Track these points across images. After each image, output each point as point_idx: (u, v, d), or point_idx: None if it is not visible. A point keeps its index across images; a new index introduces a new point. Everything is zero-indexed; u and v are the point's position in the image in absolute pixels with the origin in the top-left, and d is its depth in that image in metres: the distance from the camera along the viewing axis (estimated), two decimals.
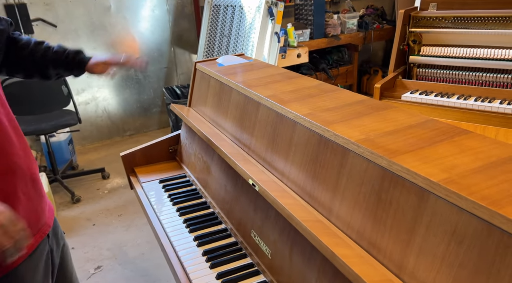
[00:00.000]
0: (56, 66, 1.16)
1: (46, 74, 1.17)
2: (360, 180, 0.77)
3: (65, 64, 1.16)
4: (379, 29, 4.31)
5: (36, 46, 1.14)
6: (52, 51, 1.15)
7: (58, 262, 1.06)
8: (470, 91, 1.96)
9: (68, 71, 1.18)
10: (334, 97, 1.07)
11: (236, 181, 1.18)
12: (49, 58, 1.15)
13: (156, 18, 3.61)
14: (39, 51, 1.13)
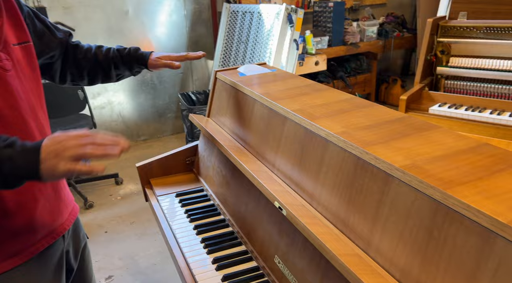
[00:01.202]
0: (117, 66, 1.18)
1: (109, 75, 1.20)
2: (406, 211, 0.68)
3: (126, 62, 1.18)
4: (399, 37, 4.21)
5: (98, 49, 1.18)
6: (113, 51, 1.18)
7: (77, 266, 1.08)
8: (504, 106, 1.85)
9: (129, 69, 1.20)
10: (369, 113, 0.98)
11: (258, 200, 1.10)
12: (111, 58, 1.17)
13: (173, 23, 3.58)
14: (101, 53, 1.17)
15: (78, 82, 1.21)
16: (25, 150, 0.72)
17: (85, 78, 1.20)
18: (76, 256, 1.07)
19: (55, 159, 0.71)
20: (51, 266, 0.95)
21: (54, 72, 1.14)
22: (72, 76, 1.18)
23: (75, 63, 1.16)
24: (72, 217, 1.04)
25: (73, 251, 1.06)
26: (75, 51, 1.15)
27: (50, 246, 0.94)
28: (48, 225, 0.94)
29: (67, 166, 0.70)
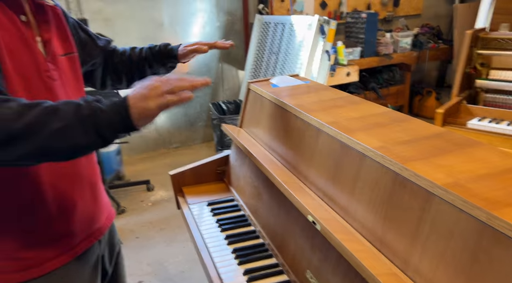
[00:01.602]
0: (151, 65, 1.22)
1: (144, 75, 1.22)
2: (448, 231, 0.66)
3: (158, 59, 1.21)
4: (435, 48, 4.11)
5: (132, 50, 1.22)
6: (145, 51, 1.22)
7: (111, 270, 1.11)
8: None
9: (162, 65, 1.22)
10: (407, 128, 0.96)
11: (290, 212, 1.09)
12: (144, 58, 1.21)
13: (206, 35, 3.66)
14: (134, 54, 1.21)
15: (118, 86, 1.25)
16: (113, 101, 0.73)
17: (124, 81, 1.24)
18: (111, 261, 1.10)
19: (143, 101, 0.73)
20: (88, 270, 0.98)
21: (96, 79, 1.19)
22: (111, 81, 1.22)
23: (113, 67, 1.20)
24: (108, 221, 1.08)
25: (108, 256, 1.09)
26: (112, 56, 1.20)
27: (87, 250, 0.97)
28: (86, 229, 0.97)
29: (158, 102, 0.72)
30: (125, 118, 0.72)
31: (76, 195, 0.93)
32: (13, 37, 0.80)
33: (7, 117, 0.67)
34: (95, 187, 1.00)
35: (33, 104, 0.70)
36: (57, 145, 0.69)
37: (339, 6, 4.03)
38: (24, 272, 0.86)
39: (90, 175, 0.98)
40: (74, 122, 0.69)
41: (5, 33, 0.78)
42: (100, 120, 0.71)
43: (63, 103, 0.72)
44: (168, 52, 1.20)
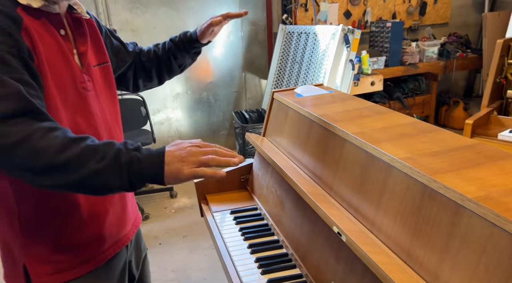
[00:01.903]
0: (176, 56, 1.24)
1: (171, 68, 1.26)
2: (480, 247, 0.64)
3: (182, 47, 1.22)
4: (463, 58, 4.01)
5: (156, 47, 1.25)
6: (168, 43, 1.24)
7: (138, 276, 1.13)
8: None
9: (186, 52, 1.24)
10: (435, 139, 0.94)
11: (314, 223, 1.09)
12: (168, 50, 1.23)
13: (230, 44, 3.72)
14: (158, 49, 1.24)
15: (149, 84, 1.28)
16: (151, 153, 0.76)
17: (154, 79, 1.26)
18: (137, 266, 1.12)
19: (179, 163, 0.75)
20: (116, 275, 1.01)
21: (128, 82, 1.23)
22: (143, 82, 1.26)
23: (142, 67, 1.23)
24: (135, 227, 1.10)
25: (135, 261, 1.12)
26: (140, 57, 1.23)
27: (115, 255, 1.00)
28: (114, 235, 1.00)
29: (192, 170, 0.75)
30: (158, 173, 0.74)
31: (106, 201, 0.96)
32: (54, 51, 0.84)
33: (50, 149, 0.70)
34: (123, 195, 1.03)
35: (78, 139, 0.73)
36: (90, 183, 0.73)
37: (363, 15, 4.01)
38: (57, 275, 0.89)
39: None
40: (111, 166, 0.72)
41: (47, 48, 0.82)
42: (135, 169, 0.74)
43: (105, 144, 0.75)
44: (189, 38, 1.22)
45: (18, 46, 0.75)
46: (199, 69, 3.68)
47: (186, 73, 3.62)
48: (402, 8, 4.17)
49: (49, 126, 0.72)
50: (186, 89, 3.67)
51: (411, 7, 4.18)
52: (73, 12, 0.92)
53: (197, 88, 3.70)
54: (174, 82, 3.59)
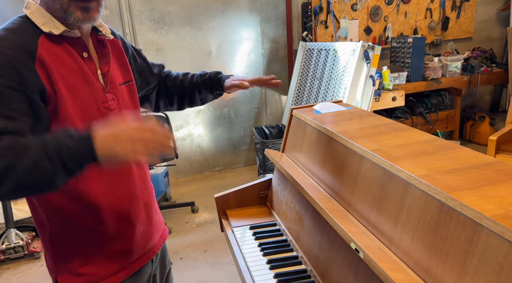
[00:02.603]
0: (200, 91, 1.28)
1: (193, 100, 1.30)
2: (498, 265, 0.63)
3: (208, 86, 1.27)
4: (488, 72, 3.93)
5: (184, 76, 1.30)
6: (196, 77, 1.29)
7: None
8: None
9: (210, 92, 1.29)
10: (454, 156, 0.94)
11: (333, 239, 1.09)
12: (194, 84, 1.28)
13: (251, 62, 3.79)
14: (186, 80, 1.28)
15: (169, 108, 1.32)
16: (79, 135, 0.76)
17: (175, 104, 1.31)
18: (162, 280, 1.15)
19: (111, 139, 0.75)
20: None
21: (150, 102, 1.28)
22: (164, 104, 1.31)
23: (166, 91, 1.28)
24: (161, 241, 1.13)
25: (160, 275, 1.14)
26: (166, 80, 1.28)
27: (141, 268, 1.03)
28: (142, 248, 1.03)
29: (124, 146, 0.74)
30: (90, 152, 0.75)
31: (132, 215, 1.00)
32: (74, 74, 0.90)
33: None
34: (149, 207, 1.07)
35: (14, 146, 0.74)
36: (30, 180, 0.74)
37: (384, 31, 4.02)
38: None
39: (144, 196, 1.05)
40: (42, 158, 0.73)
41: (67, 71, 0.88)
42: (66, 155, 0.74)
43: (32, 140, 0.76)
44: (217, 81, 1.27)
45: (24, 81, 0.80)
46: None
47: None
48: (423, 24, 4.15)
49: None
50: (208, 105, 3.75)
51: (433, 22, 4.16)
52: (98, 34, 0.98)
53: (219, 104, 3.78)
54: None
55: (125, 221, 0.97)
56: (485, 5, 4.30)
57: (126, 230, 0.97)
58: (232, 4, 3.59)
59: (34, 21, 0.87)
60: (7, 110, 0.78)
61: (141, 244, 1.02)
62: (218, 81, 1.27)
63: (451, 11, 4.19)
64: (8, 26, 0.86)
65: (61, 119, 0.86)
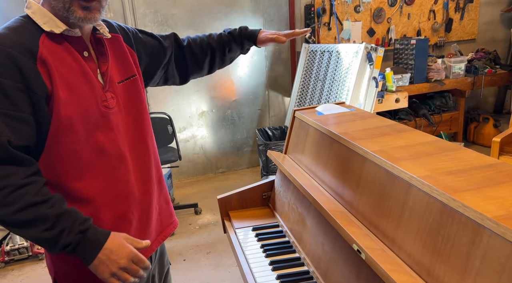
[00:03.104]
0: (231, 48, 1.26)
1: (223, 59, 1.28)
2: (500, 267, 0.63)
3: (239, 42, 1.25)
4: (491, 74, 3.92)
5: (209, 38, 1.26)
6: (225, 35, 1.26)
7: None
8: None
9: (241, 48, 1.27)
10: (456, 157, 0.94)
11: (335, 240, 1.09)
12: (225, 42, 1.25)
13: (254, 64, 3.80)
14: (214, 41, 1.25)
15: (198, 75, 1.29)
16: (90, 243, 0.87)
17: (205, 69, 1.28)
18: (160, 280, 1.15)
19: (106, 266, 0.87)
20: None
21: (174, 77, 1.25)
22: (192, 72, 1.27)
23: (194, 59, 1.24)
24: (159, 239, 1.12)
25: (158, 276, 1.15)
26: (190, 48, 1.24)
27: None
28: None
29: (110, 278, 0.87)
30: (86, 260, 0.87)
31: (130, 214, 1.00)
32: (75, 73, 0.90)
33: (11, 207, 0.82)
34: (148, 205, 1.06)
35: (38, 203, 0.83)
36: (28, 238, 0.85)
37: (387, 33, 4.01)
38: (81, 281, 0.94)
39: (143, 194, 1.04)
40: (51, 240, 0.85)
41: (68, 71, 0.89)
42: (69, 250, 0.86)
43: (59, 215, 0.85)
44: (249, 35, 1.25)
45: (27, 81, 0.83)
46: (223, 88, 3.77)
47: (211, 92, 3.72)
48: (427, 25, 4.14)
49: (21, 182, 0.82)
50: (211, 107, 3.76)
51: (436, 24, 4.15)
52: (96, 33, 0.98)
53: (222, 106, 3.79)
54: (199, 101, 3.70)
55: (122, 220, 0.98)
56: (488, 6, 4.29)
57: (123, 229, 0.97)
58: (235, 6, 3.60)
59: (35, 21, 0.88)
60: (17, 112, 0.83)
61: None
62: (251, 36, 1.24)
63: (454, 12, 4.18)
64: (9, 26, 0.87)
65: (61, 119, 0.87)
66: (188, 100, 3.65)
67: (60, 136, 0.88)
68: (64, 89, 0.87)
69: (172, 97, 3.60)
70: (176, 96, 3.60)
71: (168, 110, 3.47)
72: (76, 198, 0.92)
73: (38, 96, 0.84)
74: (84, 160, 0.92)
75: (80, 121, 0.90)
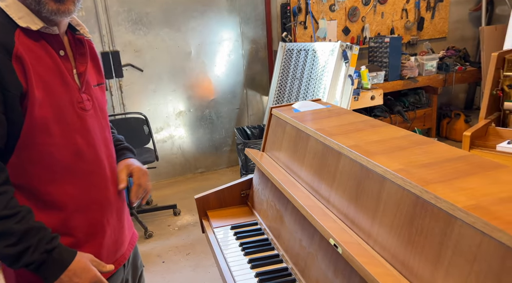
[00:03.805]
0: None
1: None
2: (471, 255, 0.65)
3: None
4: (461, 71, 4.04)
5: None
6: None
7: None
8: None
9: None
10: (428, 150, 0.96)
11: (312, 236, 1.09)
12: None
13: (231, 63, 3.78)
14: None
15: None
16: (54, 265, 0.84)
17: None
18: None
19: None
20: None
21: None
22: None
23: None
24: (131, 246, 1.10)
25: (132, 280, 1.11)
26: None
27: (113, 275, 1.00)
28: (112, 255, 1.00)
29: None
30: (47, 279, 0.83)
31: (104, 221, 0.97)
32: (51, 72, 0.87)
33: None
34: (121, 212, 1.04)
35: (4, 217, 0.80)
36: None
37: (362, 31, 4.08)
38: None
39: (117, 201, 1.02)
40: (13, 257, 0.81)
41: (43, 69, 0.85)
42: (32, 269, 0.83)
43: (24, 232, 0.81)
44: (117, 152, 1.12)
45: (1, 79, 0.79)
46: (201, 87, 3.73)
47: (188, 92, 3.68)
48: (400, 24, 4.24)
49: None
50: (189, 107, 3.72)
51: (409, 23, 4.25)
52: (76, 33, 0.95)
53: (200, 106, 3.75)
54: (176, 100, 3.65)
55: (97, 226, 0.95)
56: (458, 5, 4.43)
57: (98, 236, 0.95)
58: (211, 5, 3.57)
59: (9, 15, 0.84)
60: None
61: (113, 250, 0.99)
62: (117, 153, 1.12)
63: (426, 11, 4.30)
64: None
65: (36, 120, 0.83)
66: (165, 100, 3.60)
67: (34, 138, 0.84)
68: (40, 89, 0.83)
69: (148, 97, 3.53)
70: (153, 96, 3.55)
71: (145, 110, 3.41)
72: (47, 203, 0.88)
73: (12, 94, 0.80)
74: (60, 163, 0.88)
75: (55, 122, 0.86)
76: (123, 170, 1.05)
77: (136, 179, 1.06)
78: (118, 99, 3.42)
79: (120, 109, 3.41)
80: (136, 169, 1.07)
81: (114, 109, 3.38)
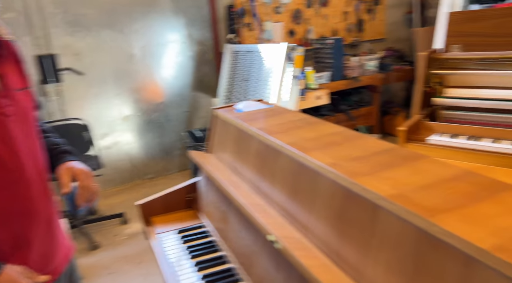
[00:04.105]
0: None
1: None
2: (395, 241, 0.69)
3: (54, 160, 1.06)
4: (399, 70, 4.30)
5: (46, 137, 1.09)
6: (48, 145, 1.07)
7: None
8: (502, 134, 1.86)
9: None
10: (359, 145, 1.01)
11: (256, 234, 1.11)
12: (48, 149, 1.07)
13: (179, 65, 3.72)
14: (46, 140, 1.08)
15: None
16: None
17: None
18: None
19: None
20: None
21: None
22: None
23: None
24: (66, 260, 1.04)
25: None
26: None
27: None
28: (42, 268, 0.94)
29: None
30: None
31: (31, 232, 0.91)
32: None
33: None
34: (51, 223, 0.98)
35: None
36: None
37: (306, 33, 4.20)
38: None
39: (46, 211, 0.96)
40: None
41: None
42: None
43: None
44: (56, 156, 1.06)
45: None
46: (148, 91, 3.64)
47: (135, 95, 3.56)
48: (341, 26, 4.41)
49: None
50: (136, 111, 3.61)
51: (350, 25, 4.44)
52: None
53: (147, 109, 3.65)
54: (122, 104, 3.52)
55: (22, 239, 0.89)
56: (394, 8, 4.71)
57: (24, 248, 0.89)
58: (155, 7, 3.50)
59: None
60: None
61: (42, 264, 0.94)
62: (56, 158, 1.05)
63: (366, 13, 4.52)
64: None
65: None
66: (109, 104, 3.46)
67: None
68: None
69: (90, 101, 3.38)
70: (95, 100, 3.39)
71: (86, 115, 3.25)
72: None
73: None
74: None
75: None
76: (64, 173, 0.99)
77: (81, 181, 1.00)
78: (57, 105, 3.24)
79: (60, 115, 3.23)
80: (79, 171, 1.01)
81: (53, 115, 3.19)
